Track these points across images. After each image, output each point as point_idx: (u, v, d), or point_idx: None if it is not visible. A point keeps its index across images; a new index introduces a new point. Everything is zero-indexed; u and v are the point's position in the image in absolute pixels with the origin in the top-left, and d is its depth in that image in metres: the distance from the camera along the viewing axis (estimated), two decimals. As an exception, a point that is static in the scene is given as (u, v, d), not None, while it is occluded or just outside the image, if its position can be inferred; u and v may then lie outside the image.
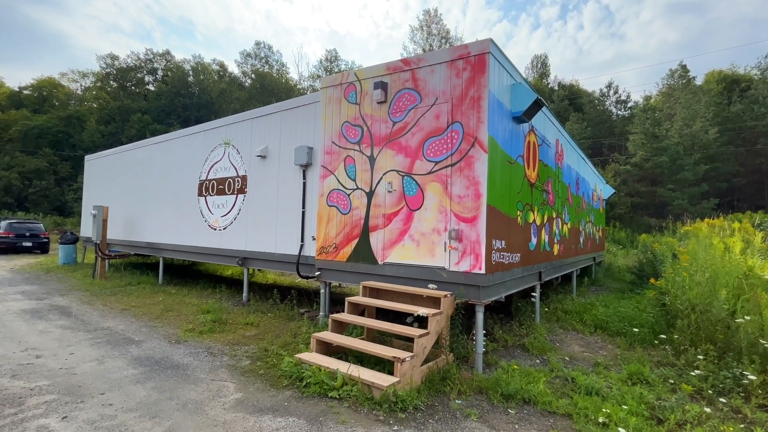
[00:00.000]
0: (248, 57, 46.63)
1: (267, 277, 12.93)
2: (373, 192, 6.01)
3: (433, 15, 42.25)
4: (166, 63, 48.08)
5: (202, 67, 45.94)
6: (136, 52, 48.70)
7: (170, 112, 43.67)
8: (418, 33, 42.41)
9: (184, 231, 10.15)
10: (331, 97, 6.68)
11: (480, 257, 4.98)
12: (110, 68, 46.59)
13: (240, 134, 8.96)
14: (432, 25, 42.18)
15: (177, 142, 10.77)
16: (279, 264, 7.93)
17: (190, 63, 47.50)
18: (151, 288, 10.12)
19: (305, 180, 7.49)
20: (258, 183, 8.45)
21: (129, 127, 41.32)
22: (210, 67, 46.98)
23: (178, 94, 43.94)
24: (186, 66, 46.96)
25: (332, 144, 6.58)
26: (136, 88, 47.57)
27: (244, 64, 46.69)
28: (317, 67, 45.37)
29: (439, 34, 41.06)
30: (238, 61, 47.23)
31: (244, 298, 8.68)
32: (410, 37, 44.02)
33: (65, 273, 12.48)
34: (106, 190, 13.66)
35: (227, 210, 9.05)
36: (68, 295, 9.14)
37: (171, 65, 47.38)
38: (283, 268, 7.93)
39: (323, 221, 6.60)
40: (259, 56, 46.50)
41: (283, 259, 7.77)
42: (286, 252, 7.73)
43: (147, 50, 47.94)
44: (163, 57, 48.20)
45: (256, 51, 46.66)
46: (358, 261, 6.10)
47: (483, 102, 5.09)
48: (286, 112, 8.04)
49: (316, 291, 10.41)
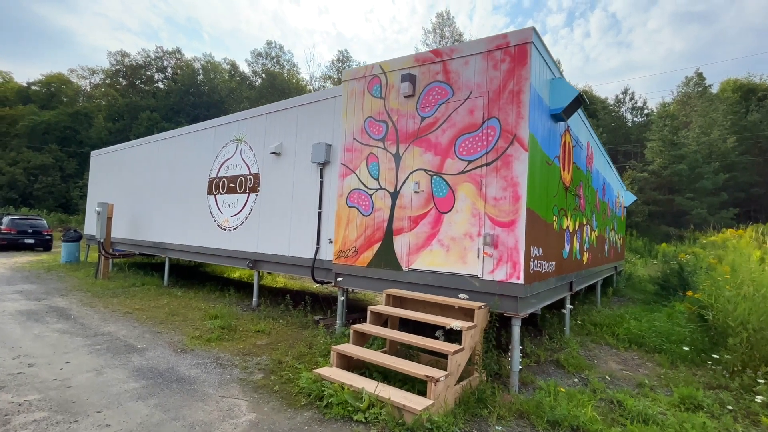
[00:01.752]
0: (259, 56, 46.57)
1: (276, 281, 12.53)
2: (398, 192, 5.59)
3: (445, 18, 42.01)
4: (176, 61, 48.11)
5: (212, 66, 45.89)
6: (147, 50, 48.69)
7: (179, 111, 43.59)
8: (430, 36, 42.18)
9: (192, 231, 9.78)
10: (354, 91, 6.29)
11: (518, 265, 4.54)
12: (120, 65, 46.63)
13: (253, 130, 8.59)
14: (445, 27, 41.91)
15: (186, 138, 10.42)
16: (292, 267, 7.53)
17: (200, 61, 47.50)
18: (155, 290, 9.74)
19: (322, 179, 7.09)
20: (271, 181, 8.06)
21: (137, 125, 41.24)
22: (220, 66, 46.96)
23: (187, 92, 43.89)
24: (196, 64, 46.97)
25: (354, 141, 6.18)
26: (146, 86, 47.60)
27: (254, 63, 46.64)
28: (329, 67, 45.23)
29: (452, 36, 40.73)
30: (249, 60, 47.20)
31: (254, 303, 8.28)
32: (423, 40, 43.51)
33: (67, 272, 12.15)
34: (112, 186, 13.34)
35: (238, 209, 8.67)
36: (68, 295, 8.78)
37: (181, 63, 47.39)
38: (296, 271, 7.52)
39: (342, 223, 6.19)
40: (270, 56, 46.41)
41: (297, 263, 7.37)
42: (300, 255, 7.33)
43: (157, 48, 48.09)
44: (173, 55, 48.24)
45: (267, 50, 46.61)
46: (380, 266, 5.68)
47: (523, 96, 4.67)
48: (303, 107, 7.66)
49: (329, 296, 9.99)
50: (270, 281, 12.58)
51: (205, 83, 44.69)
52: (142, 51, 47.77)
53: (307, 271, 7.26)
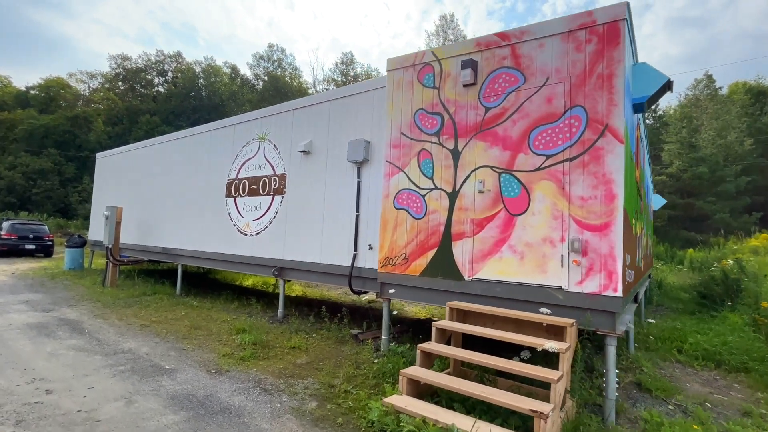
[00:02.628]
0: (261, 59, 46.11)
1: (293, 289, 11.92)
2: (458, 192, 5.01)
3: (449, 20, 41.71)
4: (176, 65, 47.66)
5: (213, 70, 45.44)
6: (147, 53, 48.27)
7: (180, 114, 43.06)
8: (434, 38, 41.82)
9: (209, 236, 9.18)
10: (401, 81, 5.73)
11: (614, 276, 3.95)
12: (120, 68, 46.17)
13: (279, 127, 8.02)
14: (448, 30, 41.58)
15: (202, 138, 9.85)
16: (325, 276, 6.92)
17: (201, 65, 47.07)
18: (169, 299, 9.12)
19: (360, 179, 6.51)
20: (300, 182, 7.48)
21: (137, 129, 40.71)
22: (221, 69, 46.50)
23: (187, 96, 43.40)
24: (197, 68, 46.51)
25: (401, 136, 5.61)
26: (145, 90, 47.12)
27: (256, 66, 46.17)
28: (332, 70, 44.80)
29: (455, 39, 40.32)
30: (251, 63, 46.74)
31: (280, 314, 7.66)
32: (426, 43, 43.08)
33: (72, 279, 11.52)
34: (119, 190, 12.75)
35: (261, 213, 8.08)
36: (78, 306, 8.16)
37: (182, 67, 46.94)
38: (329, 281, 6.91)
39: (389, 227, 5.60)
40: (272, 59, 45.95)
41: (330, 271, 6.77)
42: (334, 262, 6.73)
43: (158, 51, 47.65)
44: (173, 59, 47.83)
45: (269, 53, 46.16)
46: (436, 276, 5.09)
47: (616, 80, 4.11)
48: (336, 101, 7.10)
49: (355, 306, 9.38)
50: (286, 289, 11.95)
51: (205, 87, 44.22)
52: (143, 54, 47.39)
53: (342, 281, 6.67)
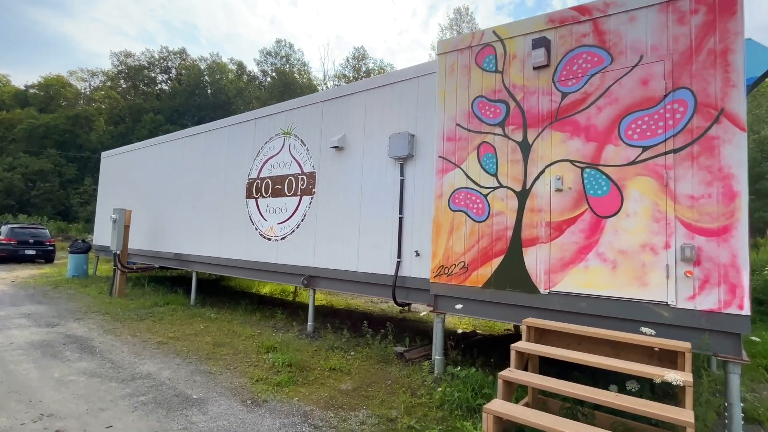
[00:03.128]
0: (268, 55, 45.64)
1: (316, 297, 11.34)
2: (529, 191, 4.42)
3: (463, 13, 41.13)
4: (180, 62, 47.32)
5: (219, 67, 45.05)
6: (150, 50, 47.93)
7: (184, 113, 42.70)
8: (447, 32, 41.18)
9: (227, 241, 8.63)
10: (454, 66, 5.14)
11: (739, 289, 3.36)
12: (123, 65, 45.88)
13: (306, 121, 7.46)
14: (462, 24, 40.99)
15: (218, 134, 9.31)
16: (362, 286, 6.35)
17: (206, 61, 46.66)
18: (183, 311, 8.57)
19: (403, 177, 5.94)
20: (332, 181, 6.91)
21: (140, 128, 40.34)
22: (226, 66, 46.12)
23: (192, 93, 43.02)
24: (202, 65, 46.13)
25: (457, 128, 5.03)
26: (149, 88, 46.81)
27: (263, 62, 45.71)
28: (343, 65, 44.27)
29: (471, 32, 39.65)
30: (257, 59, 46.28)
31: (310, 328, 7.08)
32: (439, 37, 42.46)
33: (77, 288, 11.00)
34: (126, 191, 12.24)
35: (287, 215, 7.51)
36: (85, 319, 7.62)
37: (186, 64, 46.60)
38: (368, 291, 6.34)
39: (443, 231, 5.01)
40: (280, 54, 45.48)
41: (369, 280, 6.19)
42: (373, 270, 6.16)
43: (162, 48, 47.39)
44: (178, 55, 47.49)
45: (276, 49, 45.70)
46: (504, 287, 4.49)
47: (734, 57, 3.52)
48: (374, 91, 6.53)
49: (388, 317, 8.79)
50: (305, 297, 11.39)
51: (210, 84, 43.83)
52: (146, 51, 47.08)
53: (382, 291, 6.10)
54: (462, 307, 4.83)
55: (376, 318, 8.98)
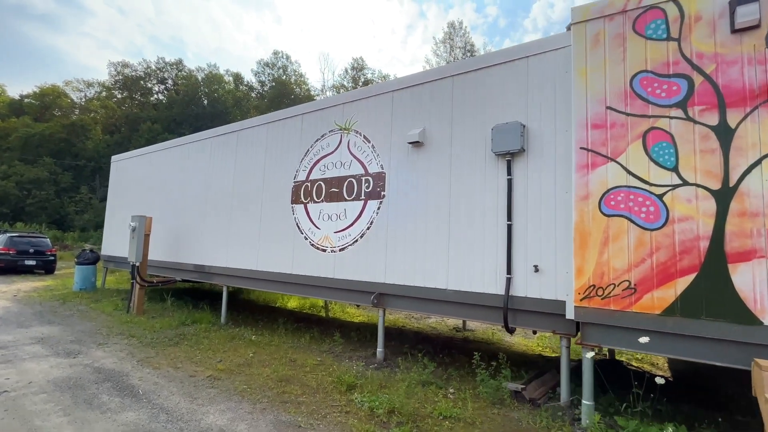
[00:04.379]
0: (266, 66, 44.06)
1: (348, 312, 9.99)
2: (735, 189, 3.23)
3: (457, 27, 40.47)
4: (177, 72, 45.37)
5: (216, 77, 43.27)
6: (147, 60, 45.86)
7: (181, 122, 40.68)
8: (441, 46, 40.49)
9: (267, 252, 7.22)
10: (600, 37, 3.95)
11: None
12: (120, 75, 43.70)
13: (371, 114, 6.17)
14: (455, 38, 40.33)
15: (255, 133, 7.92)
16: (453, 307, 5.05)
17: (203, 71, 44.81)
18: (217, 331, 7.11)
19: (511, 176, 4.70)
20: (408, 183, 5.63)
21: (138, 137, 38.20)
22: (223, 77, 44.37)
23: (189, 103, 41.09)
24: (199, 75, 44.25)
25: (608, 112, 3.82)
26: (145, 98, 44.68)
27: (261, 73, 44.12)
28: (342, 76, 43.01)
29: (464, 46, 39.11)
30: (255, 69, 44.68)
31: (380, 356, 5.73)
32: (434, 51, 41.81)
33: (87, 303, 9.38)
34: (141, 197, 10.68)
35: (347, 223, 6.18)
36: (109, 344, 6.11)
37: (183, 74, 44.67)
38: (462, 313, 5.05)
39: (592, 241, 3.78)
40: (277, 65, 43.96)
41: (462, 300, 4.91)
42: (468, 289, 4.88)
43: (159, 58, 45.33)
44: (174, 66, 45.53)
45: (274, 60, 44.18)
46: (698, 316, 3.27)
47: None
48: (463, 77, 5.30)
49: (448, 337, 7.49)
50: (339, 312, 10.02)
51: (208, 94, 42.00)
52: (143, 61, 45.00)
53: (481, 313, 4.82)
54: (598, 335, 3.53)
55: (429, 336, 7.68)
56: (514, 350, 6.86)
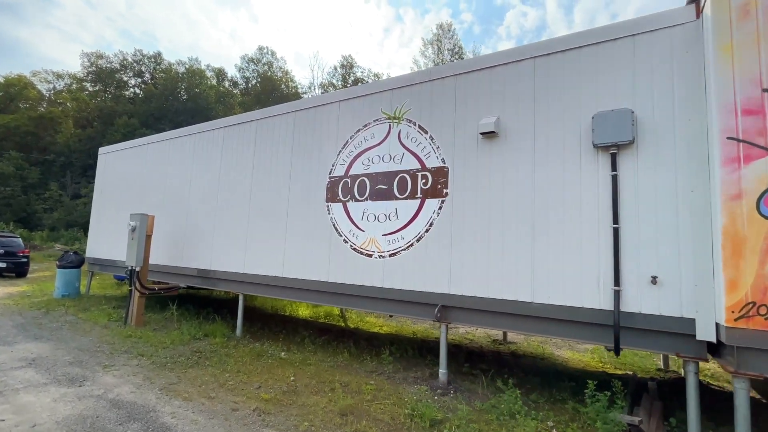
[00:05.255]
0: (251, 62, 42.39)
1: (367, 322, 9.16)
2: None
3: (446, 29, 40.14)
4: (155, 66, 43.09)
5: (197, 72, 41.29)
6: (123, 52, 43.36)
7: (161, 117, 38.53)
8: (430, 47, 40.06)
9: (296, 256, 6.32)
10: (751, 6, 3.32)
11: None
12: (94, 66, 41.10)
13: (428, 101, 5.40)
14: (444, 40, 39.97)
15: (280, 122, 6.99)
16: (542, 323, 4.33)
17: (184, 65, 42.72)
18: (237, 347, 6.17)
19: (617, 171, 4.02)
20: (478, 179, 4.88)
21: (113, 132, 35.90)
22: (204, 72, 42.38)
23: (169, 98, 39.01)
24: (179, 69, 42.13)
25: (764, 95, 3.19)
26: (121, 91, 42.21)
27: (246, 69, 42.40)
28: (331, 74, 41.83)
29: (453, 48, 38.78)
30: (239, 65, 42.83)
31: (443, 377, 4.93)
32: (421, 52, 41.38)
33: (75, 313, 8.16)
34: (135, 194, 9.50)
35: (399, 224, 5.38)
36: (117, 365, 5.07)
37: (162, 67, 42.45)
38: (555, 331, 4.32)
39: (750, 248, 3.13)
40: (262, 62, 42.38)
41: (554, 315, 4.20)
42: (562, 302, 4.18)
43: (136, 51, 42.91)
44: (152, 59, 43.22)
45: (259, 56, 42.58)
46: None
47: None
48: (552, 57, 4.60)
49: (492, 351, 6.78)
50: (358, 321, 9.18)
51: (188, 89, 40.01)
52: (119, 53, 42.51)
53: (577, 331, 4.14)
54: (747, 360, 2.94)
55: (475, 350, 6.96)
56: (572, 366, 6.22)
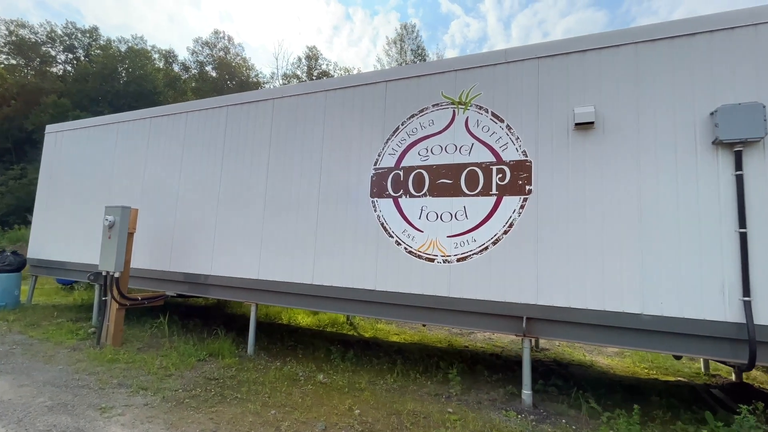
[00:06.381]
0: (205, 45, 39.02)
1: (377, 327, 8.33)
2: None
3: (409, 29, 39.83)
4: (91, 41, 38.32)
5: (141, 53, 37.23)
6: (52, 23, 38.04)
7: (98, 99, 34.30)
8: (393, 46, 39.51)
9: (330, 260, 5.36)
10: None
11: None
12: (13, 36, 35.63)
13: (503, 86, 4.72)
14: (407, 39, 39.66)
15: (305, 101, 5.93)
16: (657, 337, 3.83)
17: (127, 43, 38.36)
18: (256, 368, 5.11)
19: (742, 171, 3.63)
20: (569, 175, 4.29)
21: (39, 112, 31.32)
22: (150, 53, 38.39)
23: (108, 78, 34.80)
24: (121, 47, 37.75)
25: None
26: (47, 67, 37.05)
27: (200, 53, 38.94)
28: (295, 65, 39.61)
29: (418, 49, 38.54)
30: (193, 48, 39.04)
31: (527, 400, 4.28)
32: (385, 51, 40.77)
33: (22, 329, 6.48)
34: (103, 182, 7.85)
35: (470, 224, 4.65)
36: (117, 406, 3.82)
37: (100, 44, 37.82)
38: (671, 346, 3.83)
39: None
40: (218, 47, 39.22)
41: (672, 328, 3.74)
42: (678, 314, 3.72)
43: (68, 23, 37.89)
44: (87, 34, 38.38)
45: (214, 40, 39.37)
46: None
47: None
48: (655, 44, 4.11)
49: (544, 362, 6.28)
50: (370, 330, 8.33)
51: (132, 70, 36.03)
52: (46, 23, 37.31)
53: (699, 346, 3.70)
54: None
55: (509, 358, 6.43)
56: (621, 373, 5.89)
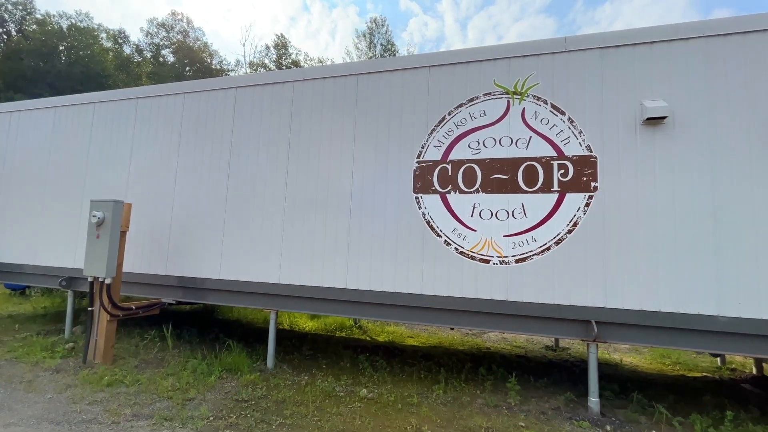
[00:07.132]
0: (161, 27, 35.98)
1: (384, 329, 7.91)
2: None
3: (380, 23, 39.15)
4: (24, 15, 34.19)
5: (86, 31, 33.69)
6: (-27, -9, 33.47)
7: (35, 80, 30.68)
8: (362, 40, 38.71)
9: (367, 262, 4.84)
10: None
11: None
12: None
13: (563, 75, 4.41)
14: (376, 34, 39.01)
15: (335, 85, 5.32)
16: (738, 339, 3.71)
17: (69, 19, 34.55)
18: (286, 385, 4.53)
19: (825, 171, 3.56)
20: (640, 171, 4.07)
21: (-38, 93, 27.57)
22: (96, 32, 34.84)
23: (48, 57, 31.21)
24: (63, 23, 33.96)
25: None
26: (-29, 41, 32.65)
27: (155, 35, 35.82)
28: (262, 53, 37.52)
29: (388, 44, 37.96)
30: (147, 29, 35.75)
31: (594, 408, 4.01)
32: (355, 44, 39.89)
33: (-17, 347, 5.41)
34: (70, 169, 6.75)
35: (530, 223, 4.33)
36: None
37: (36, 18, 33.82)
38: (751, 348, 3.72)
39: None
40: (176, 29, 36.32)
41: (749, 330, 3.63)
42: (754, 315, 3.63)
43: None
44: (20, 6, 34.19)
45: (172, 22, 36.39)
46: None
47: None
48: (728, 39, 3.97)
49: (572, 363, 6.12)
50: (378, 332, 7.88)
51: (76, 49, 32.58)
52: (-34, -9, 32.76)
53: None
54: None
55: (533, 359, 6.26)
56: (647, 371, 5.89)
